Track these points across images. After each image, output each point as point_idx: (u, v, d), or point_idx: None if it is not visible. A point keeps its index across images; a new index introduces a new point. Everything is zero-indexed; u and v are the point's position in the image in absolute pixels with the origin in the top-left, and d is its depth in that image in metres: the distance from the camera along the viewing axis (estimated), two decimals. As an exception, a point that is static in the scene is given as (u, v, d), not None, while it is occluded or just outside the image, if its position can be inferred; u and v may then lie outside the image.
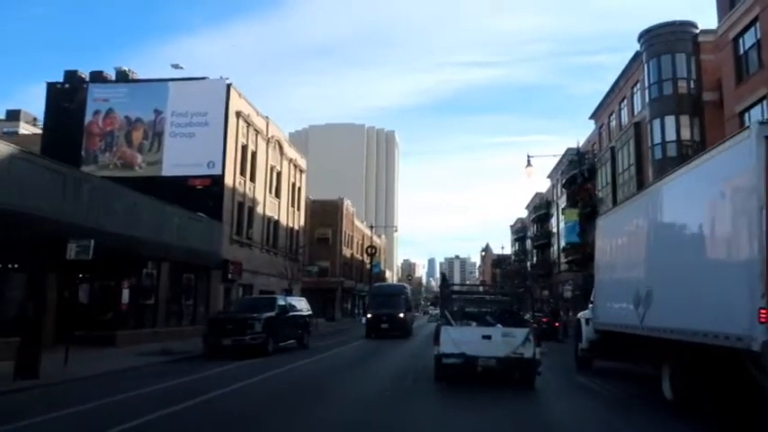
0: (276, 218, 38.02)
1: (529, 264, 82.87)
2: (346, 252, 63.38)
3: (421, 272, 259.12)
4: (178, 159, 29.65)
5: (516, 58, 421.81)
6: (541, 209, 71.39)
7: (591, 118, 48.67)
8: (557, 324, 33.31)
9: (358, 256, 69.48)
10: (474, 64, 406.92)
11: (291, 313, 20.61)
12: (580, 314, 16.12)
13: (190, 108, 30.08)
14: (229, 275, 29.39)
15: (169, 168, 29.73)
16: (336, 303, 59.67)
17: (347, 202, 64.17)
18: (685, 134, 32.18)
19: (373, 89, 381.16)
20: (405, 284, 40.20)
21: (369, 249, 64.02)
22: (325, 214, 61.03)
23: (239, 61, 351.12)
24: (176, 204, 25.41)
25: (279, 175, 38.68)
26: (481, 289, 32.46)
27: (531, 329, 12.45)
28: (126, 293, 20.44)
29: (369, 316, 30.83)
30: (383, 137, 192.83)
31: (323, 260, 60.29)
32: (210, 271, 27.77)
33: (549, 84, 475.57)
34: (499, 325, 13.13)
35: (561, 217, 59.33)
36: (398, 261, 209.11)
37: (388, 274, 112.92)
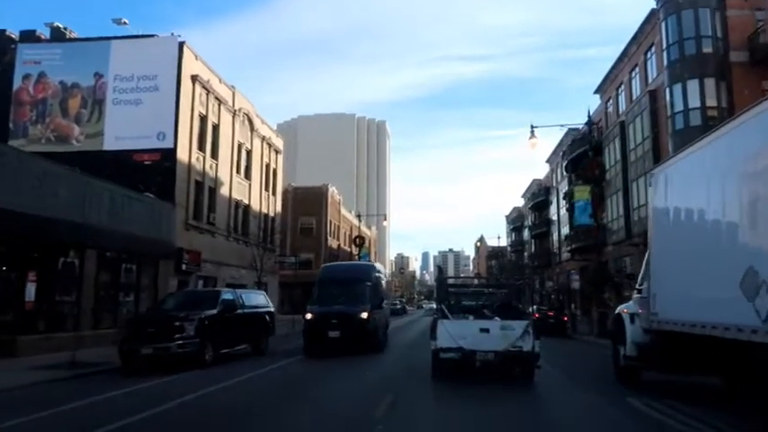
0: (246, 202, 33.57)
1: (526, 254, 78.91)
2: (332, 243, 58.96)
3: (414, 266, 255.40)
4: (122, 131, 25.14)
5: (506, 52, 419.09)
6: (540, 196, 67.27)
7: (596, 92, 44.41)
8: (565, 318, 29.22)
9: (346, 247, 65.03)
10: (465, 58, 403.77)
11: (243, 311, 16.24)
12: (621, 308, 11.84)
13: (136, 71, 25.55)
14: (184, 266, 24.98)
15: (112, 141, 25.22)
16: (321, 298, 55.26)
17: (332, 190, 59.68)
18: (711, 100, 28.10)
19: (364, 84, 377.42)
20: (374, 264, 24.59)
21: (356, 240, 59.52)
22: (308, 202, 56.60)
23: (230, 55, 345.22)
24: (121, 183, 21.21)
25: (249, 153, 34.21)
26: (477, 282, 28.77)
27: (531, 322, 11.99)
28: (32, 288, 16.04)
29: (308, 317, 17.77)
30: (374, 127, 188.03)
31: (307, 251, 55.83)
32: (159, 261, 23.36)
33: (540, 77, 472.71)
34: (497, 318, 12.72)
35: (562, 203, 55.17)
36: (391, 255, 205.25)
37: (379, 267, 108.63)
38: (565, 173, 53.30)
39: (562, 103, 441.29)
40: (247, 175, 33.91)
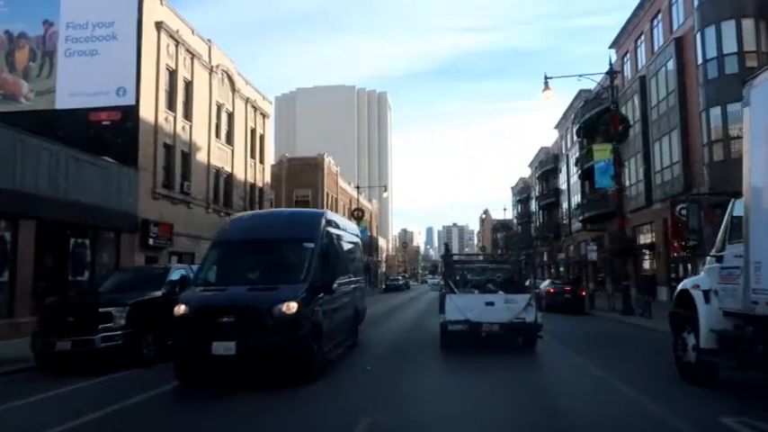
0: (228, 170, 30.42)
1: (533, 226, 75.91)
2: (329, 216, 55.91)
3: (419, 241, 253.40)
4: (77, 86, 21.92)
5: (508, 22, 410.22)
6: (548, 164, 63.97)
7: (611, 47, 40.76)
8: (583, 293, 26.20)
9: (344, 221, 62.04)
10: (467, 29, 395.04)
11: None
12: (689, 282, 8.75)
13: (91, 17, 22.22)
14: (151, 241, 21.99)
15: (65, 99, 22.01)
16: (319, 274, 52.35)
17: (329, 160, 56.36)
18: (749, 44, 24.71)
19: (365, 57, 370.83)
20: (326, 212, 12.19)
21: (355, 212, 56.41)
22: (303, 173, 53.39)
23: (225, 29, 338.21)
24: (78, 147, 18.35)
25: (231, 116, 30.93)
26: (481, 258, 29.28)
27: (532, 295, 12.77)
28: (-56, 267, 13.11)
29: (178, 312, 8.94)
30: (375, 98, 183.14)
31: (302, 226, 52.87)
32: (120, 235, 20.36)
33: (542, 48, 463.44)
34: (501, 292, 13.22)
35: (573, 170, 51.89)
36: (395, 230, 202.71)
37: (382, 242, 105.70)
38: (576, 138, 49.91)
39: (567, 74, 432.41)
40: (229, 141, 30.69)
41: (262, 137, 35.82)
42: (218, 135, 29.16)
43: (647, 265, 34.97)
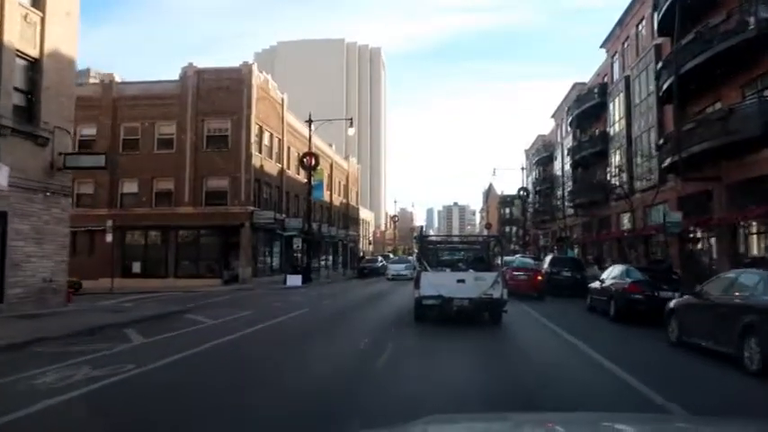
0: None
1: (560, 192, 56.49)
2: (265, 163, 36.53)
3: (420, 221, 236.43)
4: None
5: (501, 3, 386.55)
6: (589, 100, 44.44)
7: None
8: None
9: (296, 175, 42.57)
10: (460, 9, 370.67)
11: None
12: None
13: None
14: None
15: None
16: (242, 251, 33.40)
17: (264, 77, 36.88)
18: None
19: (356, 38, 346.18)
20: None
21: (304, 159, 37.33)
22: (221, 94, 34.11)
23: (209, 8, 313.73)
24: None
25: None
26: (454, 239, 33.06)
27: (499, 273, 14.27)
28: None
29: None
30: (367, 54, 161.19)
31: (218, 175, 33.89)
32: None
33: (540, 29, 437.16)
34: (471, 270, 14.97)
35: (649, 89, 32.74)
36: (391, 210, 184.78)
37: (366, 214, 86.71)
38: (654, 38, 30.66)
39: (562, 55, 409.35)
40: None
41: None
42: None
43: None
